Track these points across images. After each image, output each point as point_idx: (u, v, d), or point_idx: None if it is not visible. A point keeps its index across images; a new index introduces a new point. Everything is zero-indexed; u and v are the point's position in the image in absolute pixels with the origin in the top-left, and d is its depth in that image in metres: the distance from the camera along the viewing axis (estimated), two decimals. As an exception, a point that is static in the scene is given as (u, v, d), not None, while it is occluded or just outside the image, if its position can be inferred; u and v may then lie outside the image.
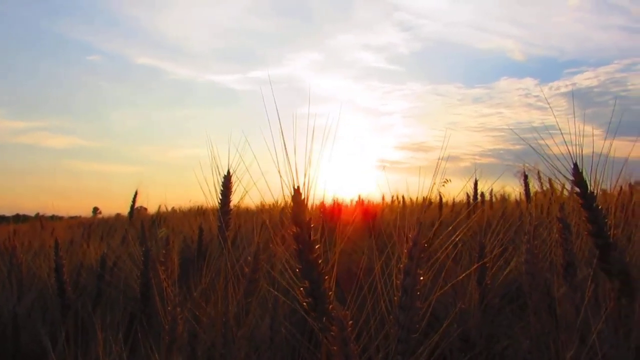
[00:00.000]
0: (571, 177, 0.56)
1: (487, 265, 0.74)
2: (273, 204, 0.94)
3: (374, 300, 0.51)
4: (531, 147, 0.63)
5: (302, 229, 0.44)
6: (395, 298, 0.49)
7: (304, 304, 0.45)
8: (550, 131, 0.63)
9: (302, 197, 0.44)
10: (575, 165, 0.56)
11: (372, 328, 0.51)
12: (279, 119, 0.47)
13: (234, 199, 0.85)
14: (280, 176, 0.44)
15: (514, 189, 1.56)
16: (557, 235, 0.68)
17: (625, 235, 0.66)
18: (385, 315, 0.49)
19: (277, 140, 0.46)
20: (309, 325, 0.54)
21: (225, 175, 0.80)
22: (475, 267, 0.66)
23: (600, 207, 0.55)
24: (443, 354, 0.67)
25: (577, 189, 0.56)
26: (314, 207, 1.64)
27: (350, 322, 0.50)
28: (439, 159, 0.54)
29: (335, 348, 0.49)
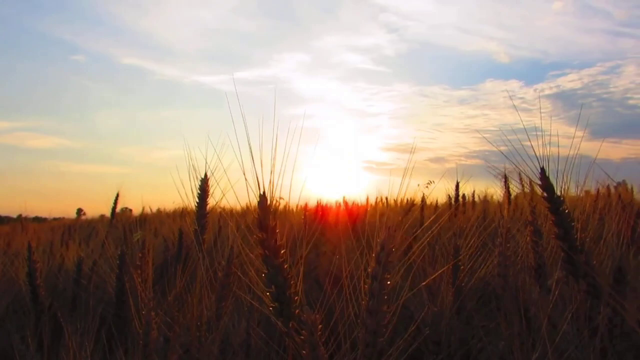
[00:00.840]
0: (538, 181, 0.57)
1: (461, 267, 0.75)
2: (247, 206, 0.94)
3: (342, 304, 0.51)
4: (515, 148, 0.64)
5: (267, 235, 0.44)
6: (363, 302, 0.49)
7: (270, 308, 0.46)
8: (535, 133, 0.64)
9: (268, 202, 0.44)
10: (542, 169, 0.57)
11: (341, 332, 0.51)
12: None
13: (214, 201, 0.85)
14: (246, 180, 0.44)
15: (497, 191, 1.58)
16: (528, 239, 0.69)
17: (595, 238, 0.67)
18: (353, 319, 0.49)
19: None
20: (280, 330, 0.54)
21: (202, 179, 0.80)
22: (444, 268, 0.66)
23: (567, 210, 0.56)
24: (416, 356, 0.67)
25: (545, 193, 0.56)
26: (298, 208, 1.64)
27: (320, 326, 0.51)
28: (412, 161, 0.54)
29: (304, 352, 0.49)
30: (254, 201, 0.48)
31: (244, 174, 0.43)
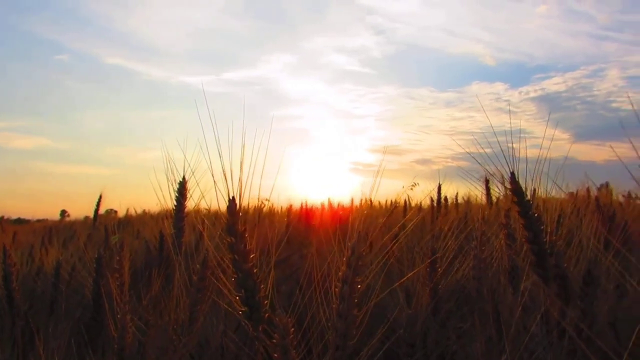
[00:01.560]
0: (509, 185, 0.57)
1: (438, 269, 0.76)
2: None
3: (315, 307, 0.52)
4: (501, 150, 0.65)
5: (236, 239, 0.44)
6: (334, 306, 0.50)
7: (240, 312, 0.46)
8: (519, 135, 0.65)
9: (237, 207, 0.44)
10: (512, 173, 0.57)
11: (312, 335, 0.52)
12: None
13: (195, 203, 0.85)
14: (215, 183, 0.44)
15: (480, 193, 1.59)
16: (502, 242, 0.70)
17: (569, 240, 0.68)
18: (324, 323, 0.50)
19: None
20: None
21: (180, 182, 0.80)
22: (415, 270, 0.67)
23: (537, 214, 0.57)
24: (391, 358, 0.68)
25: (514, 197, 0.57)
26: (282, 210, 1.63)
27: (292, 329, 0.51)
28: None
29: (275, 355, 0.50)
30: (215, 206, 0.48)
31: (213, 178, 0.43)
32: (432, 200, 1.41)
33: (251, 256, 0.45)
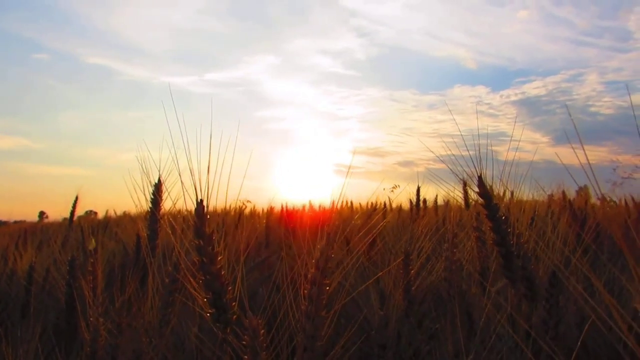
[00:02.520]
0: (476, 189, 0.59)
1: (412, 271, 0.76)
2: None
3: (284, 310, 0.52)
4: (483, 153, 0.66)
5: (204, 242, 0.44)
6: (302, 307, 0.50)
7: (207, 314, 0.46)
8: (500, 138, 0.67)
9: (205, 209, 0.45)
10: (480, 177, 0.59)
11: (282, 337, 0.52)
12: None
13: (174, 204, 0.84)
14: (182, 185, 0.44)
15: (460, 196, 1.61)
16: (473, 244, 0.71)
17: (540, 242, 0.69)
18: (293, 324, 0.50)
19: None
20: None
21: (155, 184, 0.80)
22: (384, 271, 0.68)
23: (503, 217, 0.58)
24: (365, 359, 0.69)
25: (482, 200, 0.58)
26: (263, 212, 1.63)
27: (262, 331, 0.51)
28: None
29: (246, 357, 0.50)
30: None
31: (181, 180, 0.43)
32: (411, 202, 1.42)
33: (219, 258, 0.45)
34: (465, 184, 1.41)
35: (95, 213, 2.67)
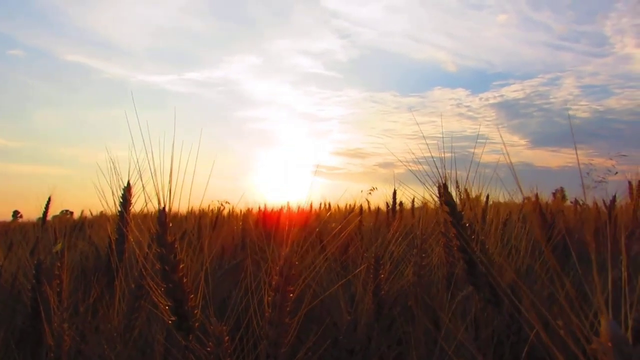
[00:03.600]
0: (438, 196, 0.59)
1: (382, 275, 0.77)
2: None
3: (249, 316, 0.52)
4: (462, 155, 0.67)
5: (165, 250, 0.44)
6: (266, 314, 0.50)
7: (170, 322, 0.46)
8: (478, 140, 0.68)
9: (167, 217, 0.44)
10: (445, 185, 0.59)
11: (246, 343, 0.52)
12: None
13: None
14: (155, 186, 0.44)
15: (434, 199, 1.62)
16: (441, 249, 0.71)
17: (500, 247, 0.71)
18: (256, 331, 0.50)
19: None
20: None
21: (125, 187, 0.79)
22: (352, 275, 0.68)
23: (467, 224, 0.59)
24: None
25: (446, 207, 0.59)
26: (241, 213, 1.62)
27: (227, 337, 0.51)
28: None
29: (209, 364, 0.50)
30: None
31: (142, 182, 0.43)
32: (387, 205, 1.43)
33: (181, 266, 0.45)
34: (439, 187, 1.43)
35: (71, 213, 2.63)
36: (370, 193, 1.89)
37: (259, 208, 1.63)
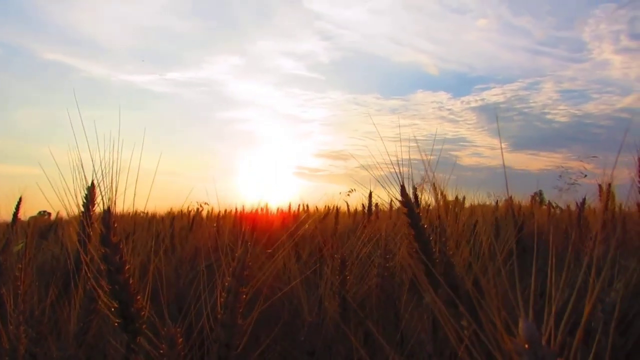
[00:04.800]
0: (399, 198, 0.59)
1: (348, 277, 0.77)
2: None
3: (203, 318, 0.51)
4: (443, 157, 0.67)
5: (110, 250, 0.43)
6: (219, 316, 0.50)
7: (115, 324, 0.45)
8: (461, 143, 0.68)
9: (111, 218, 0.44)
10: (402, 186, 0.59)
11: (201, 345, 0.52)
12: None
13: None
14: (112, 189, 0.43)
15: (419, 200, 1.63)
16: (404, 251, 0.71)
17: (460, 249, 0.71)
18: (208, 333, 0.50)
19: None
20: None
21: (88, 187, 0.78)
22: (305, 274, 0.68)
23: (425, 225, 0.59)
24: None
25: (405, 209, 0.59)
26: (219, 214, 1.61)
27: (180, 339, 0.51)
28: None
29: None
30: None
31: (104, 182, 0.42)
32: (363, 207, 1.43)
33: (126, 267, 0.45)
34: (415, 189, 1.44)
35: (49, 214, 2.59)
36: (348, 195, 1.89)
37: (235, 209, 1.62)
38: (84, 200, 0.76)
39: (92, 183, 0.78)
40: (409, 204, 0.58)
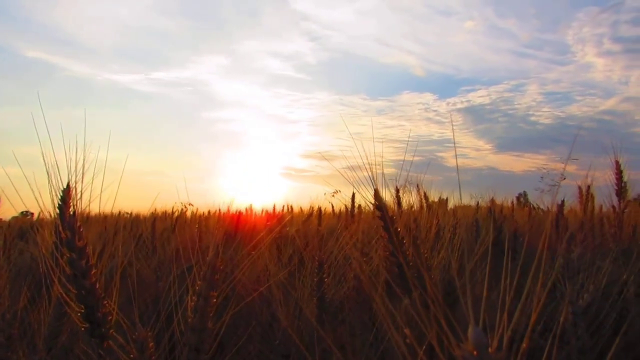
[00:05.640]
0: (373, 201, 0.60)
1: (326, 279, 0.77)
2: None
3: (174, 321, 0.51)
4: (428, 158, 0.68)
5: (76, 255, 0.43)
6: (189, 319, 0.49)
7: (82, 328, 0.45)
8: (446, 144, 0.69)
9: (76, 222, 0.43)
10: (376, 190, 0.60)
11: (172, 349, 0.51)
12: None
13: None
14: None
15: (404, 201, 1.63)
16: (382, 253, 0.72)
17: (442, 251, 0.71)
18: (177, 337, 0.49)
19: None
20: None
21: (64, 189, 0.77)
22: (280, 274, 0.68)
23: (398, 229, 0.60)
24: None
25: (378, 212, 0.59)
26: (203, 215, 1.61)
27: (152, 343, 0.50)
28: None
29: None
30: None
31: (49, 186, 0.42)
32: (346, 208, 1.43)
33: (92, 272, 0.44)
34: (397, 190, 1.44)
35: (32, 214, 2.57)
36: (333, 196, 1.89)
37: (219, 210, 1.61)
38: (60, 202, 0.75)
39: (68, 184, 0.77)
40: (382, 208, 0.58)
